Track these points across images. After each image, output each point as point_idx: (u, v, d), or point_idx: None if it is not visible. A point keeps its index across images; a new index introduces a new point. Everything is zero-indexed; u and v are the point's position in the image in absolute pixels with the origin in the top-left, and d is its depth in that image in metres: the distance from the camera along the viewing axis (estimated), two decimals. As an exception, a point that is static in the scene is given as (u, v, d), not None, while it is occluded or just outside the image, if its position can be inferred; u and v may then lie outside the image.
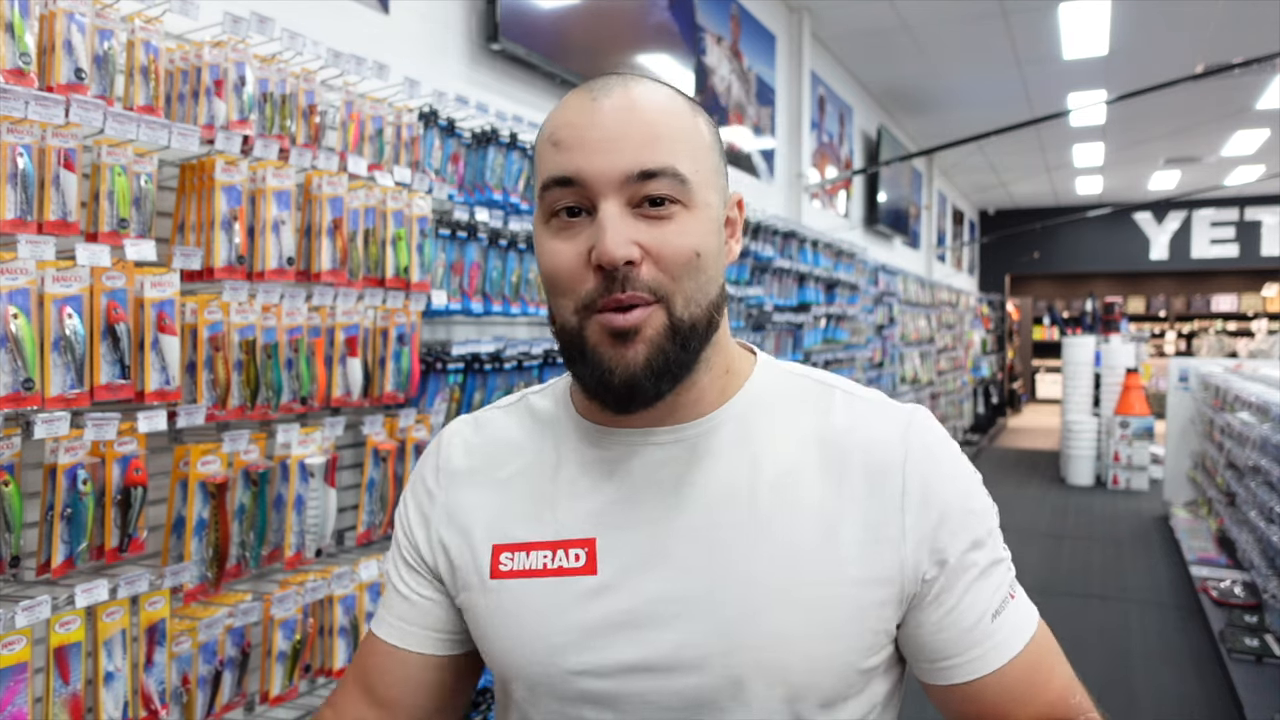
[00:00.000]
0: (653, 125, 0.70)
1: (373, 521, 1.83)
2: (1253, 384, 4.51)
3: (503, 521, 0.77)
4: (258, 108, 1.58)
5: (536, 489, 0.77)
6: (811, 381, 0.77)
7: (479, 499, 0.79)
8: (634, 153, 0.68)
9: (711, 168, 0.74)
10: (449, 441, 0.83)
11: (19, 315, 1.21)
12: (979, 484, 0.74)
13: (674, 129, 0.71)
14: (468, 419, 0.86)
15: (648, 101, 0.71)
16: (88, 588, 1.28)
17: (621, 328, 0.68)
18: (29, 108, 1.22)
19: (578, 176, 0.69)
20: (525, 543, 0.75)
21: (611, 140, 0.69)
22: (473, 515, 0.79)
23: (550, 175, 0.71)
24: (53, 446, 1.27)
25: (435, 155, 2.06)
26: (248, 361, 1.53)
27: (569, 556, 0.73)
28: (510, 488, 0.78)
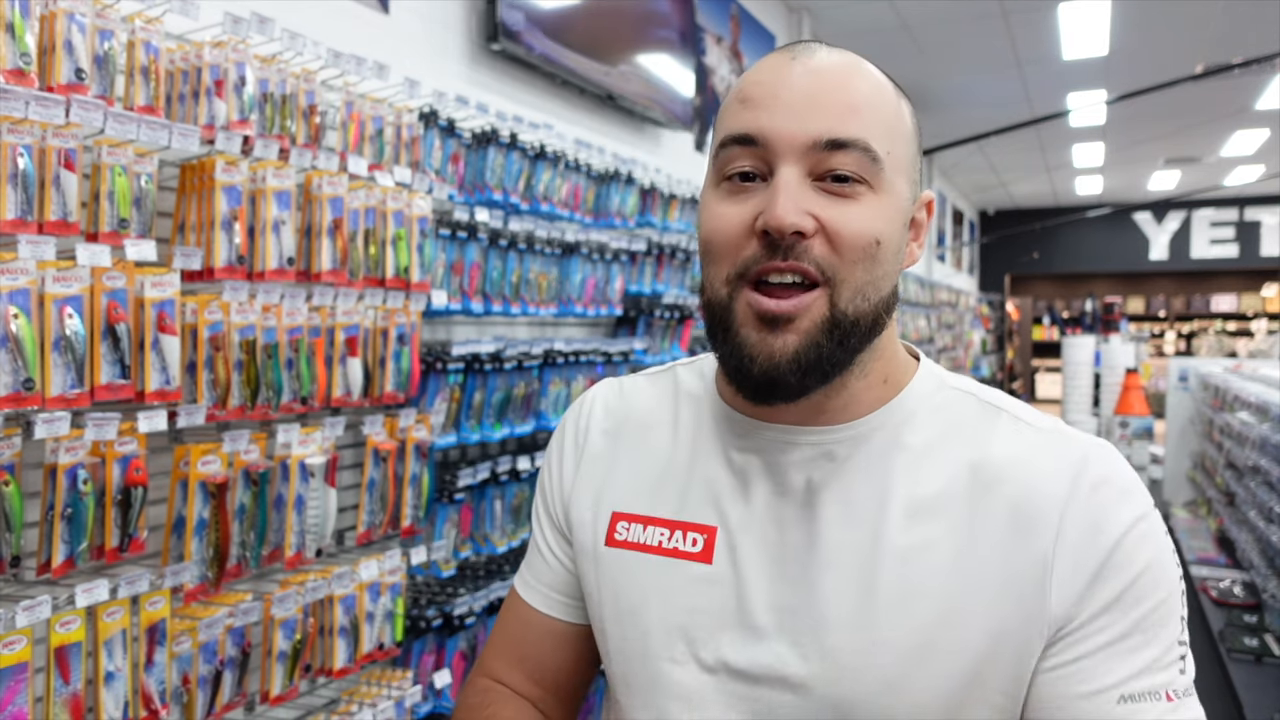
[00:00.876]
0: (850, 94, 0.64)
1: (373, 521, 1.83)
2: (1252, 384, 4.51)
3: (627, 491, 0.75)
4: (258, 108, 1.58)
5: (666, 465, 0.74)
6: (977, 401, 0.70)
7: (608, 464, 0.77)
8: (825, 119, 0.62)
9: (908, 155, 0.68)
10: (591, 402, 0.82)
11: (19, 315, 1.21)
12: (1166, 550, 0.62)
13: (873, 103, 0.65)
14: (613, 382, 0.83)
15: (849, 70, 0.66)
16: (88, 588, 1.28)
17: (773, 313, 0.61)
18: (29, 108, 1.22)
19: (759, 135, 0.63)
20: (645, 516, 0.72)
21: (803, 102, 0.63)
22: (600, 479, 0.77)
23: (729, 132, 0.65)
24: (53, 446, 1.27)
25: (435, 155, 2.06)
26: (248, 361, 1.53)
27: (686, 539, 0.70)
28: (641, 458, 0.75)
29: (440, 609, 1.99)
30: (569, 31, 2.82)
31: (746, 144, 0.64)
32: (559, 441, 0.82)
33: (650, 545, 0.71)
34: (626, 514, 0.74)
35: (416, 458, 1.90)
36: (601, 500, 0.76)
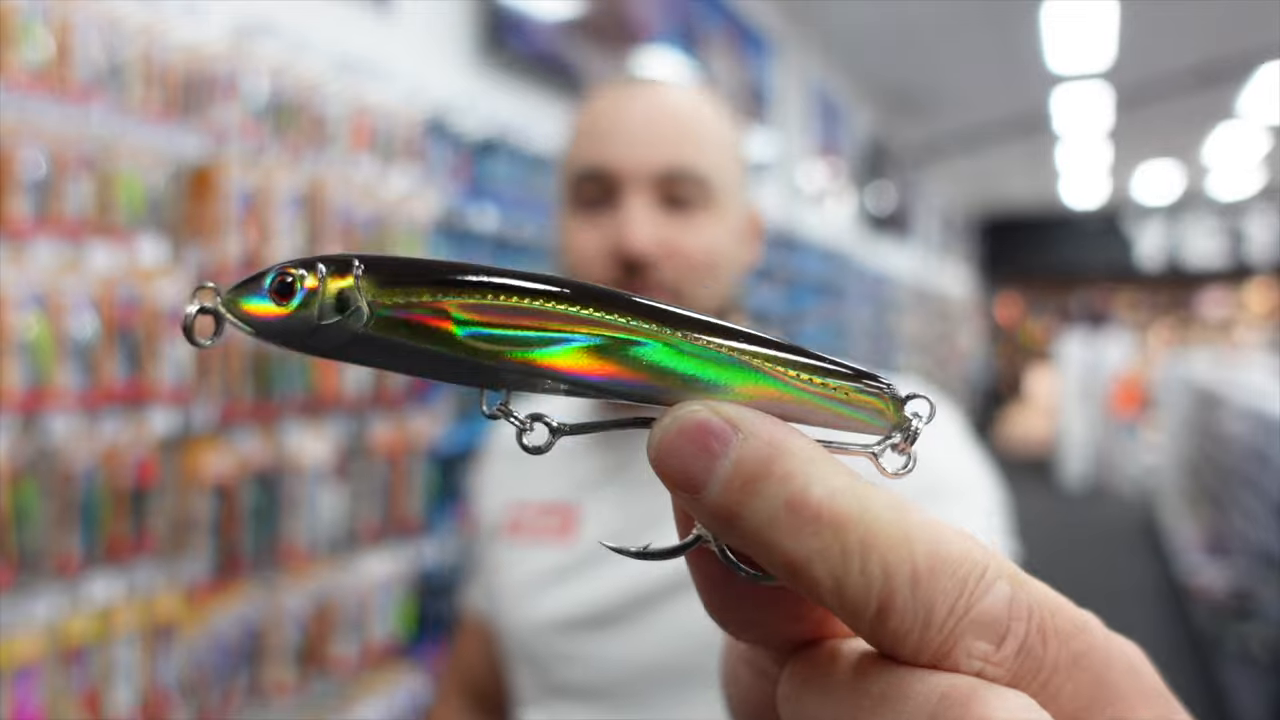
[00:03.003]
0: (683, 126, 0.72)
1: (380, 519, 1.85)
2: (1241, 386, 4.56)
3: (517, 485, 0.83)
4: (267, 113, 1.60)
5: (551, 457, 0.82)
6: None
7: (509, 465, 0.85)
8: (664, 150, 0.71)
9: (737, 174, 0.76)
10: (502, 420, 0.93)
11: (33, 316, 1.23)
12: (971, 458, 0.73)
13: (703, 132, 0.73)
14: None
15: (680, 103, 0.74)
16: (101, 584, 1.30)
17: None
18: (45, 113, 1.25)
19: (607, 168, 0.71)
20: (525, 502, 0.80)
21: (643, 136, 0.71)
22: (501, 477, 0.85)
23: (582, 166, 0.73)
24: (66, 445, 1.29)
25: (440, 159, 2.08)
26: (257, 361, 1.55)
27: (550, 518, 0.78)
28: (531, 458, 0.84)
29: (447, 604, 2.01)
30: (571, 35, 2.84)
31: (596, 176, 0.72)
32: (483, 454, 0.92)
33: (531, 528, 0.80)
34: (517, 504, 0.82)
35: (423, 456, 1.92)
36: (501, 497, 0.85)
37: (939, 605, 0.16)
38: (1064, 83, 6.50)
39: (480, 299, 0.18)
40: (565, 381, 0.18)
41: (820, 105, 5.87)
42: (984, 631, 0.16)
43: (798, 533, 0.16)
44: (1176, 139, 8.28)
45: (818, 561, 0.16)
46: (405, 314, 0.18)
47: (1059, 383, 8.10)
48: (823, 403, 0.18)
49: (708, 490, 0.16)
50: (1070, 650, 0.17)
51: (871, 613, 0.16)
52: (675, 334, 0.18)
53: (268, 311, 0.18)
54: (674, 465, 0.17)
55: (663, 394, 0.18)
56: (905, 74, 6.42)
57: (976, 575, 0.16)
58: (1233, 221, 12.08)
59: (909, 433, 0.19)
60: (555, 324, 0.18)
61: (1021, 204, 12.71)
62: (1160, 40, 5.64)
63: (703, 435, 0.17)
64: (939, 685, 0.16)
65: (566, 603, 0.74)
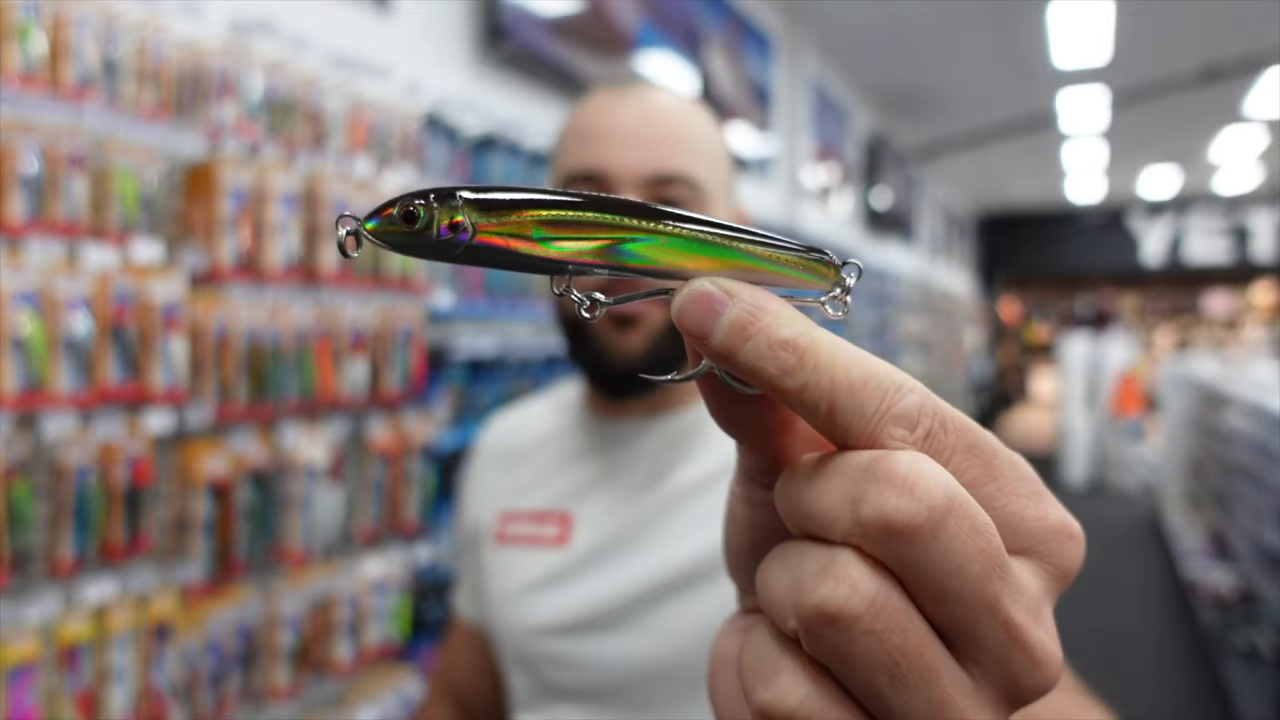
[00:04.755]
0: (673, 130, 0.74)
1: (377, 520, 1.84)
2: (1244, 384, 4.55)
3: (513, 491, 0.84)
4: (263, 111, 1.60)
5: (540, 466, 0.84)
6: None
7: (502, 473, 0.87)
8: (656, 154, 0.73)
9: (724, 178, 0.78)
10: (486, 427, 0.94)
11: (28, 316, 1.22)
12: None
13: (694, 137, 0.75)
14: (509, 410, 0.95)
15: (670, 108, 0.76)
16: (96, 585, 1.30)
17: (623, 313, 0.73)
18: (40, 111, 1.24)
19: (599, 170, 0.73)
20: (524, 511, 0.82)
21: (636, 140, 0.73)
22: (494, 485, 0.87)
23: (573, 168, 0.75)
24: (61, 445, 1.29)
25: (439, 157, 2.07)
26: (254, 361, 1.54)
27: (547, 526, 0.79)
28: (526, 464, 0.85)
29: (444, 606, 2.01)
30: (571, 34, 2.84)
31: (588, 178, 0.74)
32: (469, 461, 0.94)
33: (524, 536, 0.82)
34: (509, 513, 0.83)
35: (420, 457, 1.91)
36: (492, 506, 0.86)
37: (869, 405, 0.23)
38: (1066, 82, 6.49)
39: (549, 214, 0.25)
40: (609, 268, 0.26)
41: (821, 105, 5.86)
42: (901, 422, 0.23)
43: (774, 360, 0.23)
44: (1180, 138, 8.26)
45: (788, 377, 0.23)
46: (500, 231, 0.25)
47: (1062, 382, 8.08)
48: (785, 270, 0.26)
49: (713, 337, 0.24)
50: (965, 441, 0.24)
51: (824, 411, 0.23)
52: (685, 229, 0.25)
53: (399, 231, 0.25)
54: (689, 322, 0.24)
55: (677, 272, 0.26)
56: (906, 74, 6.41)
57: (895, 386, 0.24)
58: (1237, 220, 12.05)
59: (845, 287, 0.26)
60: (602, 230, 0.26)
61: (1024, 203, 12.69)
62: (1163, 39, 5.63)
63: (708, 300, 0.24)
64: (872, 453, 0.23)
65: (563, 607, 0.75)
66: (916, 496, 0.22)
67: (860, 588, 0.22)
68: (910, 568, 0.22)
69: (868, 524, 0.22)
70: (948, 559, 0.22)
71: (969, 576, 0.22)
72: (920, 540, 0.22)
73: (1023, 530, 0.24)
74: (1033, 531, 0.24)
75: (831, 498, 0.23)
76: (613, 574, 0.74)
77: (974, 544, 0.22)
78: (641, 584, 0.73)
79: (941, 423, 0.24)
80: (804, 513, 0.24)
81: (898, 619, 0.22)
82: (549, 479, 0.82)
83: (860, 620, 0.22)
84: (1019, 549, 0.24)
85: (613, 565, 0.75)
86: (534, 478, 0.84)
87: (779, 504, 0.25)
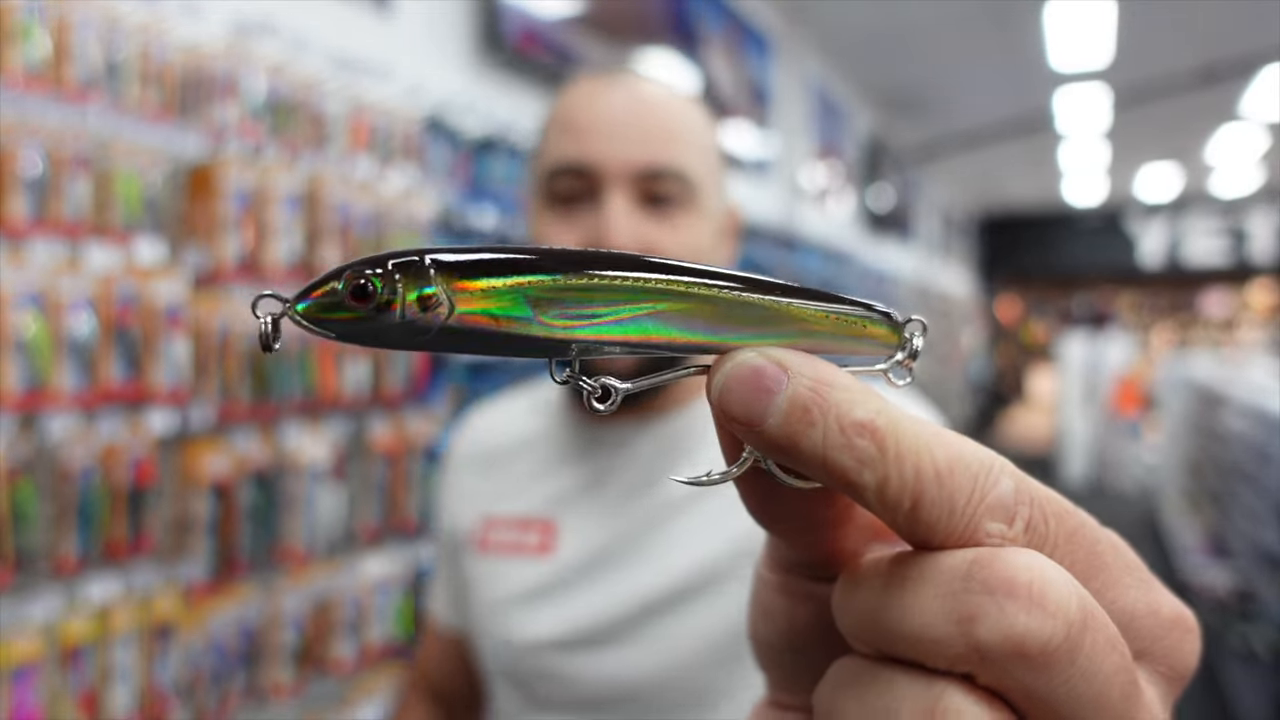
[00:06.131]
0: (665, 122, 0.70)
1: (379, 520, 1.85)
2: (1243, 385, 4.56)
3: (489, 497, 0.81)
4: (265, 112, 1.60)
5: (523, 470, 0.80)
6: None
7: (483, 475, 0.83)
8: (647, 147, 0.68)
9: (715, 172, 0.74)
10: (464, 427, 0.89)
11: (31, 316, 1.23)
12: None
13: (685, 129, 0.71)
14: (487, 404, 0.90)
15: (660, 99, 0.71)
16: (98, 585, 1.30)
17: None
18: (43, 112, 1.24)
19: (587, 163, 0.68)
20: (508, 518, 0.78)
21: (625, 131, 0.69)
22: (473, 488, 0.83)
23: (560, 162, 0.70)
24: (64, 445, 1.29)
25: (440, 159, 2.08)
26: (255, 361, 1.55)
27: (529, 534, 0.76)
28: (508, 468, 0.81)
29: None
30: (571, 34, 2.84)
31: (575, 171, 0.69)
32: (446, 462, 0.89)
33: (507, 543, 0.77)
34: (491, 518, 0.80)
35: (422, 456, 1.92)
36: (474, 509, 0.82)
37: (959, 496, 0.19)
38: (1065, 82, 6.50)
39: (549, 279, 0.20)
40: (627, 346, 0.21)
41: (820, 105, 5.87)
42: (997, 514, 0.19)
43: (847, 448, 0.19)
44: (1177, 138, 8.28)
45: (865, 470, 0.19)
46: (485, 305, 0.20)
47: (1060, 382, 8.10)
48: (838, 337, 0.22)
49: (768, 422, 0.19)
50: (1066, 528, 0.21)
51: (907, 507, 0.19)
52: (721, 293, 0.21)
53: (346, 315, 0.20)
54: (736, 406, 0.20)
55: (713, 346, 0.21)
56: (906, 74, 6.41)
57: (986, 471, 0.20)
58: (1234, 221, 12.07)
59: (910, 350, 0.22)
60: (618, 297, 0.20)
61: (1023, 204, 12.70)
62: (1160, 40, 5.64)
63: (758, 378, 0.20)
64: (969, 554, 0.19)
65: (554, 622, 0.72)
66: (1050, 611, 0.18)
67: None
68: (1041, 700, 0.18)
69: (989, 649, 0.18)
70: (1088, 684, 0.18)
71: (1109, 704, 0.18)
72: (1058, 665, 0.18)
73: (1135, 628, 0.20)
74: (1145, 629, 0.21)
75: (928, 614, 0.19)
76: (607, 587, 0.71)
77: (1111, 661, 0.18)
78: (637, 598, 0.70)
79: (1040, 509, 0.20)
80: (888, 632, 0.19)
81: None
82: (531, 483, 0.79)
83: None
84: (1134, 653, 0.20)
85: (606, 577, 0.72)
86: (516, 482, 0.80)
87: (842, 617, 0.21)
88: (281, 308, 0.20)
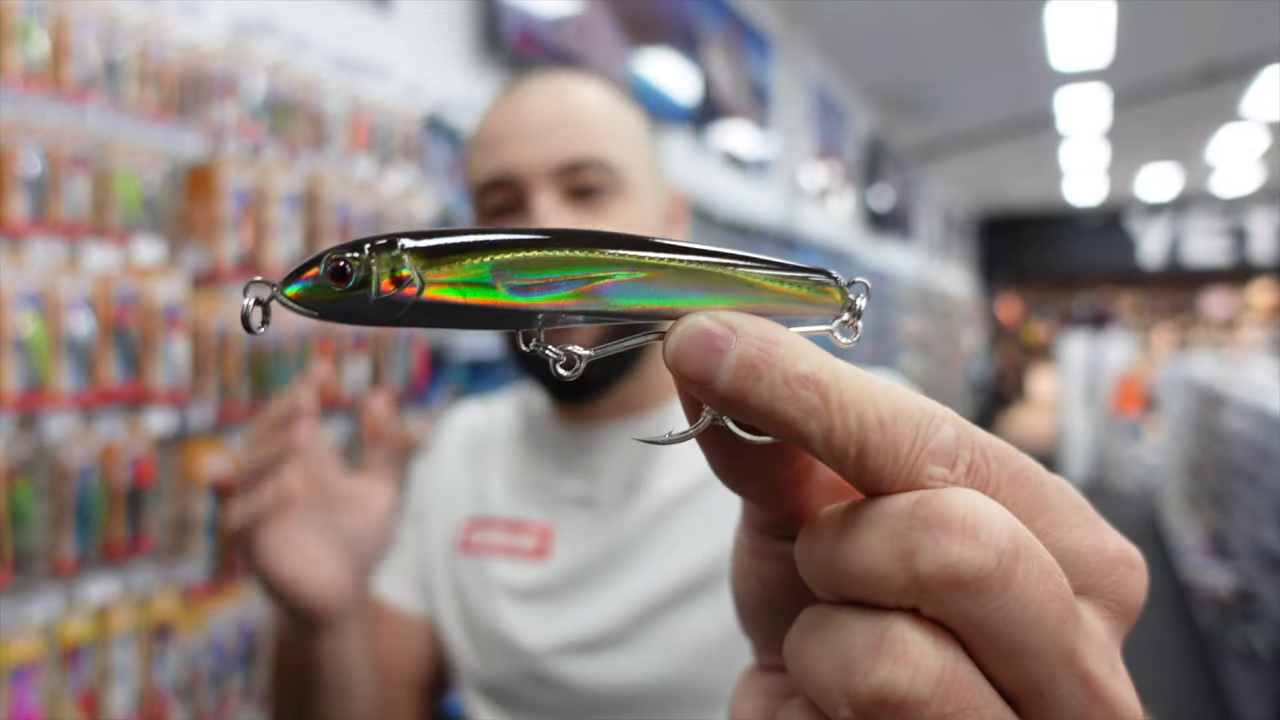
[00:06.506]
0: (578, 115, 0.69)
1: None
2: (1243, 385, 4.56)
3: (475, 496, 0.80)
4: (265, 112, 1.60)
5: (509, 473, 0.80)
6: None
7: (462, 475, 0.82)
8: (563, 142, 0.68)
9: (644, 157, 0.73)
10: (451, 419, 0.89)
11: (30, 316, 1.23)
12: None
13: (600, 119, 0.70)
14: (474, 403, 0.90)
15: (572, 94, 0.71)
16: (97, 585, 1.30)
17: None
18: (42, 112, 1.24)
19: (507, 172, 0.68)
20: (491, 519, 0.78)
21: (539, 131, 0.68)
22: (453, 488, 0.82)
23: (481, 178, 0.70)
24: (63, 445, 1.29)
25: (440, 158, 2.08)
26: (255, 361, 1.55)
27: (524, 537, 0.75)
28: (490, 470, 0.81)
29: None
30: (570, 34, 2.84)
31: (499, 185, 0.69)
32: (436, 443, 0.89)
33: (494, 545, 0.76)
34: (474, 518, 0.79)
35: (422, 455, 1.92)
36: (456, 507, 0.81)
37: (902, 443, 0.20)
38: (1065, 82, 6.50)
39: (510, 255, 0.22)
40: (586, 314, 0.22)
41: (820, 105, 5.86)
42: (939, 458, 0.20)
43: (793, 400, 0.20)
44: (1178, 138, 8.27)
45: (811, 419, 0.20)
46: (452, 281, 0.21)
47: (1061, 382, 8.09)
48: (787, 299, 0.23)
49: (718, 380, 0.20)
50: (1009, 470, 0.21)
51: (853, 455, 0.20)
52: (672, 259, 0.22)
53: (328, 295, 0.21)
54: (687, 365, 0.21)
55: (667, 311, 0.22)
56: (905, 74, 6.41)
57: (928, 419, 0.21)
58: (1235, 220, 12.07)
59: (855, 310, 0.24)
60: (575, 268, 0.22)
61: (1023, 204, 12.69)
62: (1161, 40, 5.63)
63: (708, 338, 0.21)
64: (912, 496, 0.20)
65: (556, 627, 0.71)
66: (981, 541, 0.19)
67: (924, 665, 0.19)
68: (978, 626, 0.19)
69: (927, 580, 0.19)
70: (1022, 610, 0.19)
71: (1045, 628, 0.19)
72: (991, 591, 0.19)
73: (1080, 565, 0.21)
74: (1091, 565, 0.21)
75: (874, 554, 0.20)
76: (605, 591, 0.70)
77: (1045, 589, 0.19)
78: (636, 601, 0.69)
79: (982, 453, 0.21)
80: (840, 575, 0.21)
81: (970, 696, 0.19)
82: (521, 487, 0.78)
83: (928, 705, 0.19)
84: (1079, 587, 0.21)
85: (604, 583, 0.71)
86: (505, 483, 0.79)
87: (803, 566, 0.22)
88: (270, 290, 0.22)
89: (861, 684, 0.19)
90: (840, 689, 0.20)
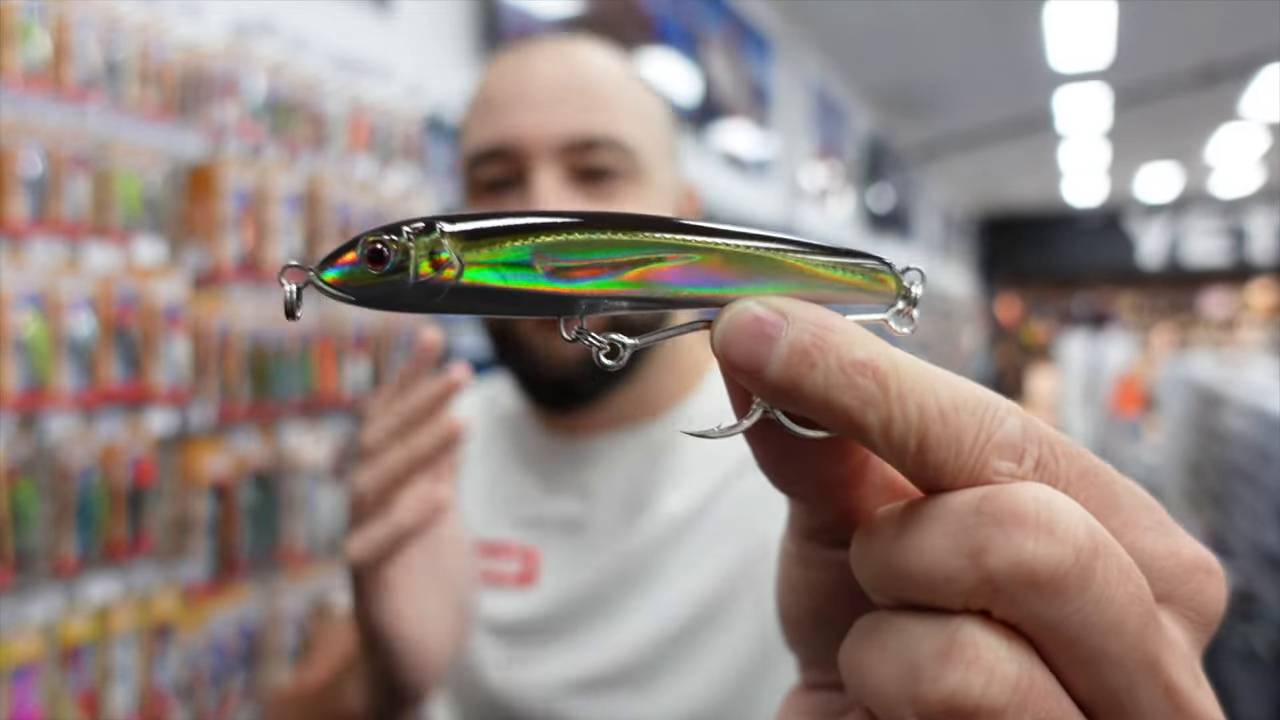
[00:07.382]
0: (593, 87, 0.61)
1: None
2: (1243, 385, 4.56)
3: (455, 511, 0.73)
4: (265, 112, 1.60)
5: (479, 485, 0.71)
6: None
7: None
8: (572, 116, 0.59)
9: (663, 141, 0.65)
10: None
11: (31, 316, 1.23)
12: None
13: (620, 93, 0.62)
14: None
15: (588, 62, 0.62)
16: (98, 585, 1.30)
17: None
18: (42, 112, 1.24)
19: (508, 143, 0.60)
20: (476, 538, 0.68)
21: (547, 100, 0.60)
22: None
23: (477, 147, 0.62)
24: (64, 445, 1.29)
25: (440, 159, 2.08)
26: (256, 362, 1.55)
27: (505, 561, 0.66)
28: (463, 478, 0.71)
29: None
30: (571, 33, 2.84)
31: (496, 155, 0.61)
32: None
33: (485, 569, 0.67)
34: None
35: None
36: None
37: (965, 435, 0.19)
38: (1065, 82, 6.50)
39: (553, 239, 0.21)
40: (631, 300, 0.21)
41: (820, 105, 5.87)
42: (1005, 453, 0.19)
43: (849, 388, 0.19)
44: (1177, 138, 8.28)
45: (868, 409, 0.19)
46: (492, 263, 0.20)
47: (1060, 382, 8.09)
48: (840, 287, 0.22)
49: (769, 368, 0.19)
50: (1078, 467, 0.20)
51: (913, 448, 0.19)
52: (722, 244, 0.21)
53: (365, 279, 0.20)
54: (737, 353, 0.20)
55: (716, 298, 0.21)
56: (905, 74, 6.41)
57: (992, 410, 0.20)
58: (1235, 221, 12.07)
59: (911, 299, 0.23)
60: (619, 252, 0.21)
61: (1023, 204, 12.70)
62: (1161, 40, 5.64)
63: (758, 325, 0.20)
64: (978, 492, 0.19)
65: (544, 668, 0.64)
66: (1058, 537, 0.18)
67: (999, 671, 0.18)
68: (1054, 630, 0.18)
69: (1000, 579, 0.18)
70: (1102, 612, 0.18)
71: (1125, 632, 0.18)
72: (1069, 592, 0.17)
73: (1155, 571, 0.20)
74: (1167, 571, 0.20)
75: (939, 551, 0.18)
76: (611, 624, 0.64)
77: (1125, 590, 0.18)
78: (648, 635, 0.63)
79: (1050, 448, 0.20)
80: (901, 576, 0.19)
81: (1048, 705, 0.18)
82: (498, 502, 0.69)
83: (1003, 715, 0.17)
84: (1155, 595, 0.19)
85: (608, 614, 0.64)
86: (478, 497, 0.70)
87: (860, 570, 0.21)
88: (308, 275, 0.21)
89: (930, 692, 0.18)
90: (906, 698, 0.18)
